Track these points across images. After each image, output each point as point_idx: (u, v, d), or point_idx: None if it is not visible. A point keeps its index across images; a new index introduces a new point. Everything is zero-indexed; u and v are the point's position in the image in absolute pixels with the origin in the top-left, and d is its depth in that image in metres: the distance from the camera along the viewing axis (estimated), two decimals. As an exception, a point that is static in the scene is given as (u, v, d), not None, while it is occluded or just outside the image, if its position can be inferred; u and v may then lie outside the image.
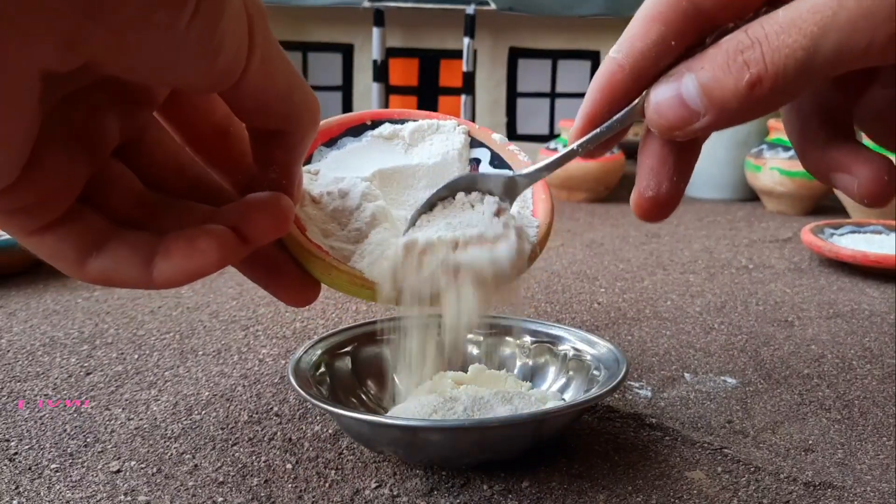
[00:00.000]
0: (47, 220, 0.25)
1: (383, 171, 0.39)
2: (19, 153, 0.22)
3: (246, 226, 0.27)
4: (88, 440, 0.40)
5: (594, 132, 0.28)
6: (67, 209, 0.25)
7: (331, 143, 0.41)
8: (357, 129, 0.42)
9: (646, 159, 0.29)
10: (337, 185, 0.38)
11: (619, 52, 0.27)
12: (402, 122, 0.42)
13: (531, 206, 0.39)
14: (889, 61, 0.23)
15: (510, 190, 0.34)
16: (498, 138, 0.42)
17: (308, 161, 0.40)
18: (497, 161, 0.41)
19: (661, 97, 0.26)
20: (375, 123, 0.42)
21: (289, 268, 0.33)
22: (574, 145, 0.29)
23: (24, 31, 0.18)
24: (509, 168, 0.41)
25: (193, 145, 0.30)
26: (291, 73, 0.26)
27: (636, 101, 0.27)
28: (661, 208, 0.29)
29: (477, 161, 0.42)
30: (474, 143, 0.42)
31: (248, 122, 0.28)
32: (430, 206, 0.35)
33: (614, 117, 0.28)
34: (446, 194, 0.35)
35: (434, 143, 0.42)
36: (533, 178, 0.33)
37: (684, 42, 0.26)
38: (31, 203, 0.24)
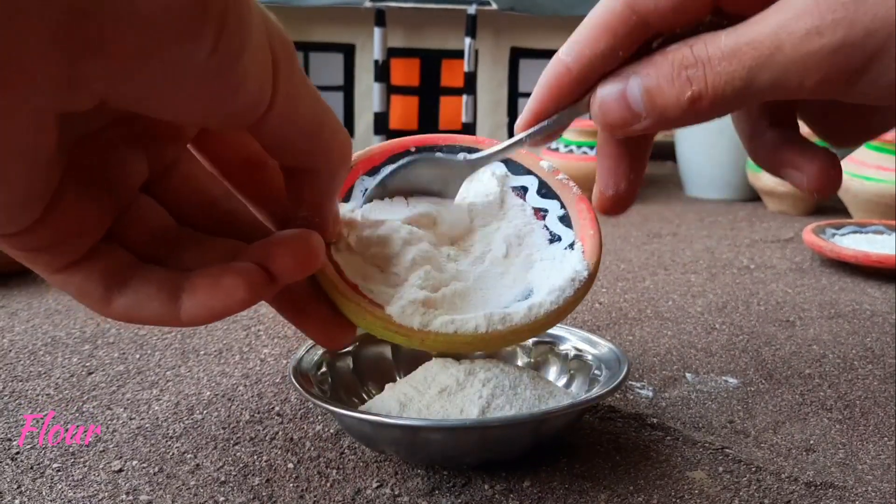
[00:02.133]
0: (73, 258, 0.24)
1: (426, 213, 0.39)
2: (40, 193, 0.21)
3: (273, 263, 0.27)
4: (90, 439, 0.40)
5: (541, 125, 0.31)
6: (93, 246, 0.25)
7: (373, 171, 0.40)
8: (400, 157, 0.41)
9: (603, 160, 0.32)
10: (377, 229, 0.37)
11: (568, 56, 0.28)
12: (453, 153, 0.41)
13: (581, 243, 0.38)
14: (818, 97, 0.25)
15: (462, 173, 0.37)
16: (546, 166, 0.41)
17: (349, 191, 0.39)
18: (545, 189, 0.41)
19: (607, 96, 0.28)
20: (420, 149, 0.41)
21: (323, 309, 0.33)
22: (522, 135, 0.31)
23: (22, 73, 0.17)
24: (558, 198, 0.40)
25: (229, 178, 0.30)
26: (320, 109, 0.25)
27: (582, 99, 0.29)
28: (620, 204, 0.32)
29: (524, 189, 0.41)
30: (521, 169, 0.41)
31: (276, 159, 0.27)
32: (383, 193, 0.37)
33: (560, 113, 0.30)
34: (406, 172, 0.37)
35: (474, 179, 0.41)
36: (478, 164, 0.35)
37: (630, 51, 0.28)
38: (56, 241, 0.23)
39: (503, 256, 0.38)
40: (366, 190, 0.39)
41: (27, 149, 0.19)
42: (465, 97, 1.29)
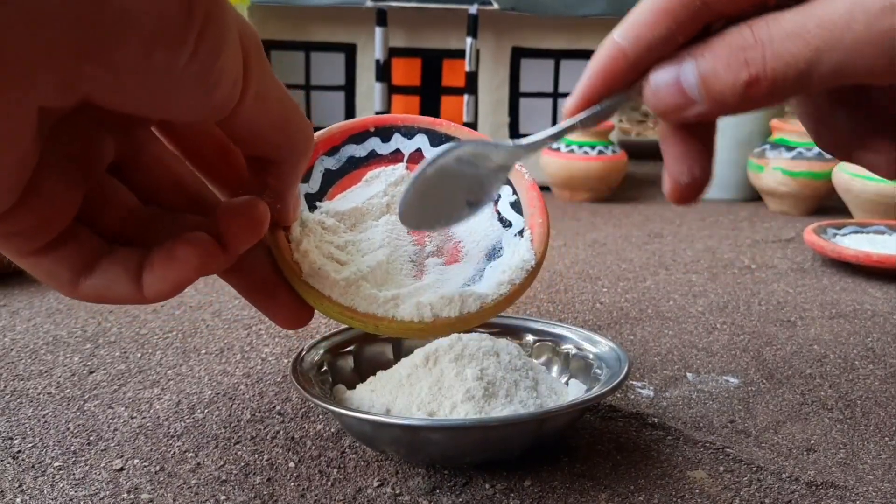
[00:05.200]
0: (44, 241, 0.25)
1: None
2: (17, 181, 0.22)
3: (223, 231, 0.27)
4: (91, 438, 0.40)
5: (593, 109, 0.29)
6: (63, 229, 0.25)
7: (333, 151, 0.41)
8: (360, 137, 0.42)
9: (671, 146, 0.29)
10: (344, 206, 0.38)
11: (625, 40, 0.27)
12: (411, 134, 0.42)
13: (529, 231, 0.39)
14: (887, 83, 0.23)
15: (510, 160, 0.34)
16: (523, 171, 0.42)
17: (309, 171, 0.40)
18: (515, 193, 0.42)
19: (661, 81, 0.26)
20: (379, 130, 0.42)
21: (283, 292, 0.34)
22: (575, 120, 0.29)
23: (22, 74, 0.18)
24: (510, 184, 0.41)
25: (193, 160, 0.31)
26: (285, 103, 0.26)
27: (635, 84, 0.28)
28: (696, 190, 0.29)
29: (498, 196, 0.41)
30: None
31: (242, 150, 0.28)
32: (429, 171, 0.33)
33: (614, 98, 0.28)
34: (449, 162, 0.33)
35: None
36: (528, 149, 0.33)
37: (689, 36, 0.26)
38: (29, 225, 0.24)
39: (458, 242, 0.39)
40: (324, 171, 0.40)
41: (10, 141, 0.20)
42: (466, 97, 1.29)
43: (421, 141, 0.42)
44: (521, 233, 0.39)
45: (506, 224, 0.40)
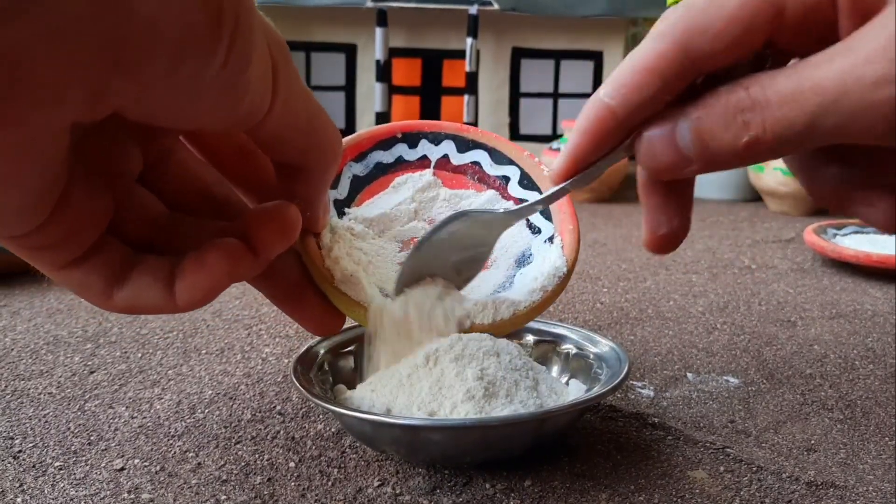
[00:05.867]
0: (77, 254, 0.25)
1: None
2: (49, 197, 0.22)
3: (253, 236, 0.27)
4: (92, 438, 0.40)
5: (587, 171, 0.29)
6: (95, 241, 0.25)
7: (360, 157, 0.41)
8: (387, 143, 0.41)
9: (650, 198, 0.30)
10: (372, 212, 0.38)
11: (612, 99, 0.27)
12: (437, 140, 0.42)
13: (560, 238, 0.39)
14: (885, 144, 0.23)
15: (500, 227, 0.35)
16: (528, 157, 0.42)
17: (337, 178, 0.40)
18: (526, 181, 0.41)
19: (655, 140, 0.26)
20: (406, 136, 0.42)
21: (314, 298, 0.34)
22: (566, 184, 0.30)
23: (53, 90, 0.18)
24: (539, 190, 0.41)
25: (219, 166, 0.30)
26: (313, 110, 0.26)
27: (624, 143, 0.28)
28: (675, 241, 0.30)
29: (506, 179, 0.41)
30: (504, 159, 0.42)
31: (270, 156, 0.28)
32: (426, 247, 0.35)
33: (606, 158, 0.29)
34: (441, 236, 0.35)
35: (473, 204, 0.41)
36: (517, 215, 0.34)
37: (676, 93, 0.26)
38: (62, 239, 0.24)
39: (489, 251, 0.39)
40: (352, 177, 0.40)
41: (42, 156, 0.20)
42: (466, 97, 1.29)
43: (447, 147, 0.42)
44: (550, 239, 0.39)
45: (535, 230, 0.40)
